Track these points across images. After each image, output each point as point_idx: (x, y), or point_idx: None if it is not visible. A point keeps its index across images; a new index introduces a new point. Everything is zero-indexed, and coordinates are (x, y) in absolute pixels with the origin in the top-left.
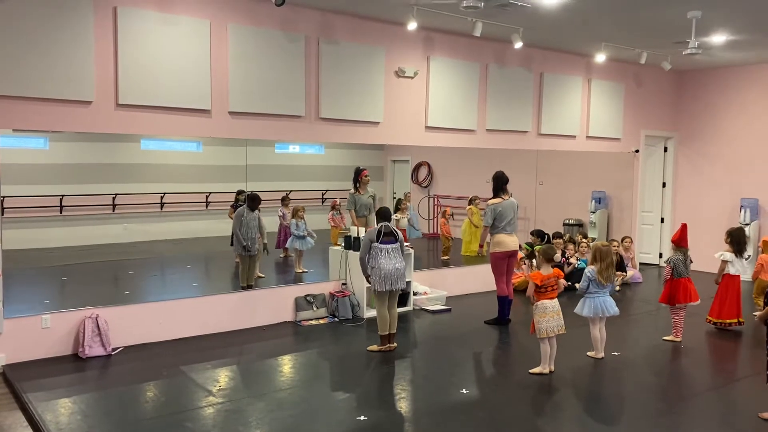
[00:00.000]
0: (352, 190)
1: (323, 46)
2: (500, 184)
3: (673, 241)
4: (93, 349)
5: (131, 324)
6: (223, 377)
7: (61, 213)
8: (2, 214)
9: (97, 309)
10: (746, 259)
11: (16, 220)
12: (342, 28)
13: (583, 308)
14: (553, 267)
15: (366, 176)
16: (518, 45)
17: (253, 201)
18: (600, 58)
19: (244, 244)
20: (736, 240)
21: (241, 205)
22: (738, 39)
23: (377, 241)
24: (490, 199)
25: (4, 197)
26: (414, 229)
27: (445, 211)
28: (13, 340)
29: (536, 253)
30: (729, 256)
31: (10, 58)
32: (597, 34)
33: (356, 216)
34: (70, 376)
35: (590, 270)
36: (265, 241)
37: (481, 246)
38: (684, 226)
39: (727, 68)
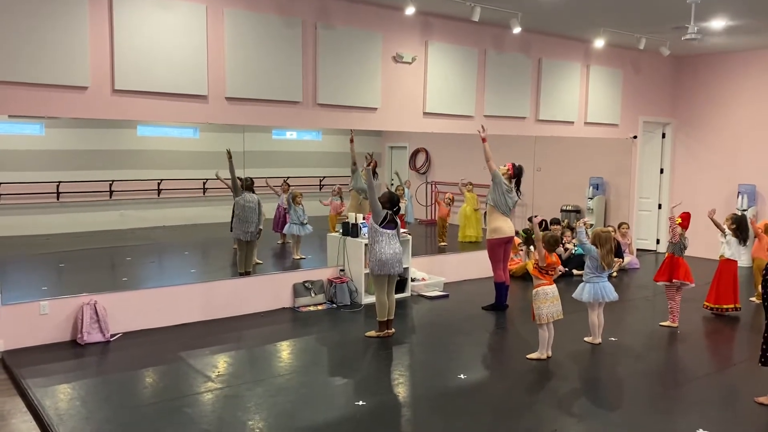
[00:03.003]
0: (361, 170)
1: (320, 31)
2: (515, 174)
3: (683, 227)
4: (91, 335)
5: (129, 310)
6: (221, 363)
7: (57, 199)
8: None
9: (95, 295)
10: (745, 247)
11: (12, 206)
12: (339, 13)
13: (582, 293)
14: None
15: (369, 163)
16: (517, 30)
17: (248, 181)
18: (599, 43)
19: (246, 229)
20: (741, 227)
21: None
22: (737, 24)
23: (380, 225)
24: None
25: (0, 183)
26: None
27: (446, 195)
28: (12, 327)
29: (536, 241)
30: (729, 236)
31: (4, 44)
32: (596, 19)
33: (351, 188)
34: (69, 362)
35: (596, 250)
36: (261, 227)
37: (484, 138)
38: (689, 214)
39: (725, 54)
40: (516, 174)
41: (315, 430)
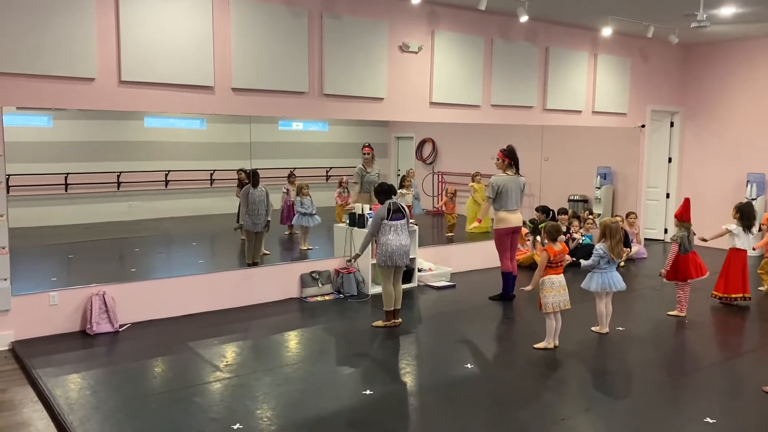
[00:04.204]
0: (360, 165)
1: (326, 20)
2: (511, 158)
3: (676, 217)
4: (100, 325)
5: (138, 301)
6: (230, 353)
7: (66, 191)
8: (8, 193)
9: (104, 286)
10: (753, 235)
11: (21, 198)
12: (345, 3)
13: (590, 283)
14: (560, 243)
15: (366, 153)
16: (524, 19)
17: (255, 177)
18: (606, 32)
19: (255, 221)
20: (746, 215)
21: (246, 183)
22: (746, 11)
23: (387, 218)
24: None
25: (9, 175)
26: (417, 201)
27: (448, 189)
28: (22, 317)
29: (542, 231)
30: (735, 228)
31: (12, 36)
32: (603, 7)
33: (360, 192)
34: (79, 352)
35: (601, 246)
36: (269, 218)
37: (479, 220)
38: (687, 201)
39: (734, 42)
40: (510, 158)
41: (323, 419)
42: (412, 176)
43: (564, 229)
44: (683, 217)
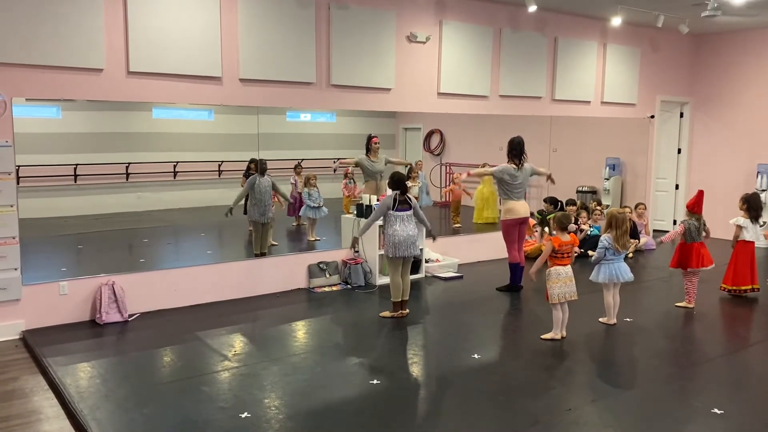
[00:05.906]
0: (364, 155)
1: (333, 11)
2: (511, 150)
3: (687, 207)
4: (110, 315)
5: (147, 291)
6: (237, 342)
7: (75, 182)
8: (18, 183)
9: (113, 276)
10: (761, 226)
11: (31, 189)
12: None
13: (598, 274)
14: (569, 233)
15: (376, 143)
16: (532, 8)
17: (262, 165)
18: (616, 21)
19: (261, 212)
20: (753, 206)
21: (252, 174)
22: (757, 0)
23: (393, 209)
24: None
25: (19, 166)
26: (425, 195)
27: (454, 175)
28: (32, 307)
29: (550, 221)
30: (743, 221)
31: (21, 27)
32: None
33: (365, 181)
34: (88, 341)
35: (606, 237)
36: (285, 199)
37: (469, 173)
38: (700, 193)
39: (745, 31)
40: (510, 151)
41: (330, 408)
42: (419, 168)
43: (573, 219)
44: (694, 209)
